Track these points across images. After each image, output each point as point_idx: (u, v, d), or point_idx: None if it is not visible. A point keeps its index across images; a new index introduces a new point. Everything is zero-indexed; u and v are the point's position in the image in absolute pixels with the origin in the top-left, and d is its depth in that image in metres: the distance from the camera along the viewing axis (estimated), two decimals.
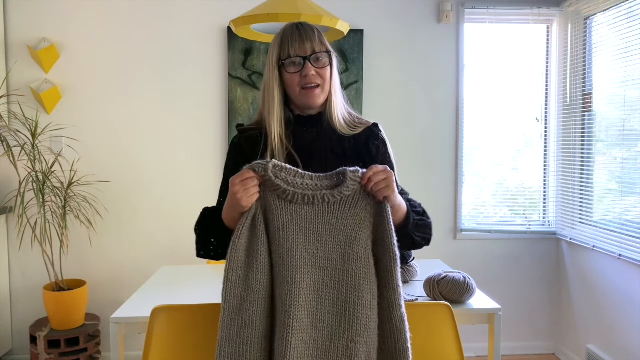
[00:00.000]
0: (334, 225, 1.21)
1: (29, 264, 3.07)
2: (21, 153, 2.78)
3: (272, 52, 1.38)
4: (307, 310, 1.18)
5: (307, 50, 1.34)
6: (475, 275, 3.09)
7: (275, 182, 1.20)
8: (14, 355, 3.10)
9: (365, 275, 1.20)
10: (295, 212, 1.21)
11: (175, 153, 3.10)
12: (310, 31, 1.36)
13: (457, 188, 3.27)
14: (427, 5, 3.19)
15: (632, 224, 2.66)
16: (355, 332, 1.18)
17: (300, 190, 1.21)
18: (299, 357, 1.16)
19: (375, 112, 3.15)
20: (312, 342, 1.18)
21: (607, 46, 2.87)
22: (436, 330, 1.38)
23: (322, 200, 1.22)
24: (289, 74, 1.35)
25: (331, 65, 1.38)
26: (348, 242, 1.21)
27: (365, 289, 1.20)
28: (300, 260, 1.19)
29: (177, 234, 3.09)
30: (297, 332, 1.15)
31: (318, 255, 1.20)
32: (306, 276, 1.19)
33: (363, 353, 1.18)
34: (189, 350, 1.58)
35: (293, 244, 1.20)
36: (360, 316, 1.18)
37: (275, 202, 1.21)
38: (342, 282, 1.20)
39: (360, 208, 1.23)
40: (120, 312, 1.83)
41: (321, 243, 1.21)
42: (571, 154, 3.15)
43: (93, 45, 3.05)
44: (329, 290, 1.20)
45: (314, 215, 1.22)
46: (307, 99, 1.36)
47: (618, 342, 2.74)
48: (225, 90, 3.11)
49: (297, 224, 1.21)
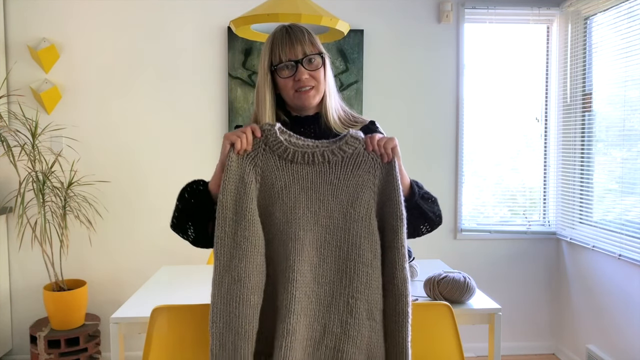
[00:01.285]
0: (335, 185, 1.24)
1: (29, 264, 3.07)
2: (21, 153, 2.78)
3: (263, 57, 1.37)
4: (310, 265, 1.21)
5: (298, 53, 1.33)
6: (475, 275, 3.09)
7: (278, 138, 1.24)
8: (14, 355, 3.10)
9: (366, 234, 1.23)
10: (297, 172, 1.24)
11: (175, 153, 3.10)
12: (299, 33, 1.35)
13: (457, 188, 3.27)
14: (427, 5, 3.19)
15: (632, 224, 2.66)
16: (355, 288, 1.22)
17: (301, 149, 1.24)
18: (302, 310, 1.19)
19: (375, 112, 3.15)
20: (314, 297, 1.21)
21: (607, 46, 2.87)
22: (436, 330, 1.38)
23: (323, 158, 1.24)
24: (282, 79, 1.35)
25: (324, 66, 1.38)
26: (350, 202, 1.24)
27: (366, 248, 1.23)
28: (303, 218, 1.22)
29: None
30: (301, 285, 1.19)
31: (320, 214, 1.23)
32: (309, 233, 1.22)
33: (364, 310, 1.22)
34: (189, 350, 1.58)
35: (295, 202, 1.23)
36: (360, 274, 1.22)
37: (276, 163, 1.24)
38: (344, 240, 1.23)
39: (363, 170, 1.26)
40: (120, 312, 1.83)
41: (323, 202, 1.24)
42: (571, 154, 3.15)
43: (93, 45, 3.05)
44: (331, 247, 1.23)
45: (315, 175, 1.25)
46: (302, 101, 1.37)
47: (618, 342, 2.74)
48: (225, 90, 3.11)
49: (299, 184, 1.24)
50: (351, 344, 1.21)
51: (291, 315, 1.17)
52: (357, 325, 1.22)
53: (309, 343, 1.21)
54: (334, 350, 1.21)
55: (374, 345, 1.23)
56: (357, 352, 1.22)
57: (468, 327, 2.93)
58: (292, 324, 1.17)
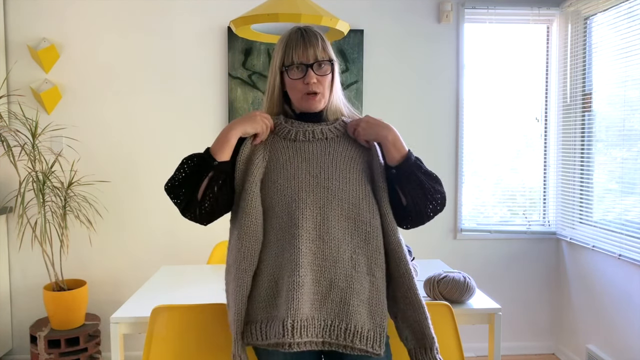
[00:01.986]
0: (333, 155, 1.40)
1: (29, 264, 3.07)
2: (21, 153, 2.78)
3: (276, 56, 1.43)
4: (314, 223, 1.32)
5: (310, 57, 1.38)
6: (475, 275, 3.09)
7: (282, 124, 1.44)
8: (14, 355, 3.10)
9: (363, 196, 1.37)
10: (299, 147, 1.41)
11: (175, 153, 3.09)
12: (314, 37, 1.40)
13: (457, 188, 3.27)
14: (427, 5, 3.19)
15: (632, 224, 2.66)
16: (356, 244, 1.34)
17: (302, 129, 1.42)
18: (309, 264, 1.29)
19: (375, 112, 3.13)
20: (320, 253, 1.31)
21: (607, 46, 2.87)
22: (436, 330, 1.39)
23: (322, 135, 1.42)
24: (291, 80, 1.40)
25: (332, 73, 1.43)
26: (347, 168, 1.39)
27: (364, 207, 1.36)
28: (304, 182, 1.35)
29: (177, 234, 3.09)
30: (306, 241, 1.30)
31: (321, 177, 1.36)
32: (311, 194, 1.34)
33: (364, 265, 1.33)
34: (189, 350, 1.58)
35: (297, 170, 1.37)
36: (360, 231, 1.34)
37: (281, 143, 1.42)
38: (344, 200, 1.35)
39: (355, 146, 1.44)
40: (120, 312, 1.83)
41: (323, 168, 1.37)
42: (571, 154, 3.15)
43: (93, 45, 3.05)
44: (332, 206, 1.34)
45: (315, 148, 1.41)
46: (308, 105, 1.42)
47: (618, 342, 2.74)
48: (225, 90, 3.11)
49: (301, 156, 1.39)
50: (356, 297, 1.31)
51: (299, 269, 1.27)
52: (360, 279, 1.32)
53: (316, 297, 1.29)
54: (340, 304, 1.30)
55: (374, 301, 1.33)
56: (360, 305, 1.31)
57: (468, 327, 2.93)
58: (300, 277, 1.27)
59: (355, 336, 1.28)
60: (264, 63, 3.10)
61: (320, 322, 1.28)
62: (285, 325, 1.24)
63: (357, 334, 1.29)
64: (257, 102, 3.10)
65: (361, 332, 1.29)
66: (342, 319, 1.29)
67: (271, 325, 1.29)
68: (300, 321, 1.25)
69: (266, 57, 3.10)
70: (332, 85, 1.44)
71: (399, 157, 1.36)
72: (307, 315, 1.27)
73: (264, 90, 3.10)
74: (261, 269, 1.35)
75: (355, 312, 1.29)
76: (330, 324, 1.29)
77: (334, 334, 1.29)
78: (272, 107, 1.47)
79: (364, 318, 1.30)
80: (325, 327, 1.28)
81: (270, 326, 1.29)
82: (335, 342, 1.29)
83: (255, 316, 1.33)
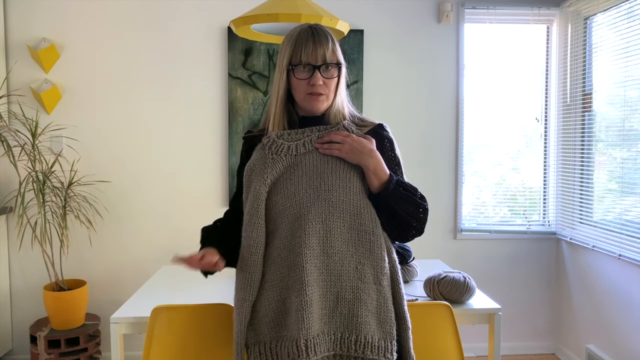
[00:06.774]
0: (332, 165, 1.36)
1: (29, 264, 3.07)
2: (21, 153, 2.78)
3: (283, 53, 1.39)
4: (317, 239, 1.31)
5: (319, 59, 1.34)
6: (475, 275, 3.09)
7: (277, 142, 1.38)
8: (14, 355, 3.10)
9: (364, 205, 1.35)
10: (299, 162, 1.37)
11: (175, 153, 3.10)
12: (324, 38, 1.36)
13: (457, 188, 3.27)
14: (427, 5, 3.19)
15: (632, 224, 2.66)
16: (361, 254, 1.32)
17: (300, 140, 1.38)
18: (315, 281, 1.28)
19: (375, 112, 3.15)
20: (325, 269, 1.30)
21: (607, 46, 2.87)
22: (436, 330, 1.38)
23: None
24: (297, 79, 1.37)
25: (339, 76, 1.40)
26: (347, 177, 1.35)
27: (365, 217, 1.34)
28: (305, 197, 1.33)
29: (177, 234, 3.09)
30: (311, 258, 1.29)
31: (321, 189, 1.33)
32: (312, 209, 1.32)
33: (370, 275, 1.32)
34: (189, 350, 1.58)
35: (297, 186, 1.34)
36: (363, 240, 1.33)
37: (282, 161, 1.37)
38: (346, 211, 1.33)
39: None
40: (120, 312, 1.83)
41: (323, 179, 1.34)
42: (571, 154, 3.15)
43: (93, 45, 3.05)
44: (335, 219, 1.32)
45: (314, 159, 1.37)
46: (311, 105, 1.39)
47: (618, 342, 2.74)
48: (225, 90, 3.12)
49: (301, 169, 1.36)
50: (364, 308, 1.30)
51: (306, 287, 1.26)
52: (367, 289, 1.31)
53: (324, 312, 1.29)
54: (348, 316, 1.29)
55: (382, 309, 1.32)
56: (369, 315, 1.30)
57: (468, 327, 2.93)
58: (308, 296, 1.26)
59: (366, 347, 1.28)
60: (264, 63, 3.10)
61: (330, 336, 1.28)
62: (299, 346, 1.24)
63: (367, 345, 1.28)
64: (257, 102, 3.10)
65: (372, 342, 1.29)
66: (352, 331, 1.29)
67: (282, 345, 1.28)
68: (313, 339, 1.25)
69: (266, 57, 3.10)
70: (338, 88, 1.41)
71: (378, 185, 1.35)
72: (318, 332, 1.27)
73: (264, 91, 3.10)
74: (267, 289, 1.34)
75: (364, 322, 1.29)
76: (340, 337, 1.29)
77: (345, 346, 1.29)
78: (274, 109, 1.42)
79: (374, 328, 1.30)
80: (335, 340, 1.29)
81: (281, 346, 1.29)
82: (346, 354, 1.29)
83: (264, 337, 1.32)
